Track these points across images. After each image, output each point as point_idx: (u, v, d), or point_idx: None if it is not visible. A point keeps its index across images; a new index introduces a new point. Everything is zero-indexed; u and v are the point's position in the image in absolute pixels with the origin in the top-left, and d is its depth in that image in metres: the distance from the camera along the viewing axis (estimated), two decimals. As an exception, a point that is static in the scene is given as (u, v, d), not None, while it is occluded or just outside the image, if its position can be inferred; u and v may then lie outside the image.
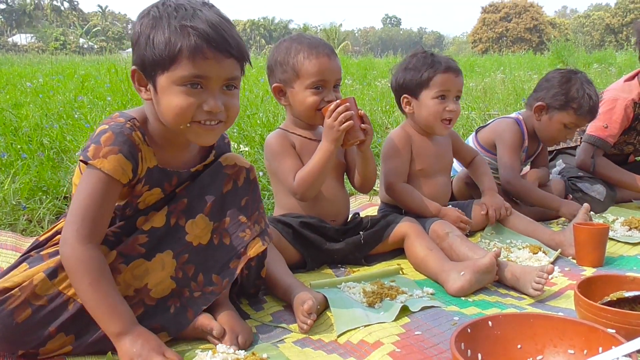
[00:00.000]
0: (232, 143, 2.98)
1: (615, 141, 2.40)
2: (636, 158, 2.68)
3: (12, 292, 1.08)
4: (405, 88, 1.91)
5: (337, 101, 1.60)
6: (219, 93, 1.12)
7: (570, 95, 2.11)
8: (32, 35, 54.58)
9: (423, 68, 1.86)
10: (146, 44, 1.08)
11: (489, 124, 2.36)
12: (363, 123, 1.62)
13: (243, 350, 1.13)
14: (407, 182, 1.92)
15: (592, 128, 2.38)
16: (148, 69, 1.10)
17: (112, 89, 4.82)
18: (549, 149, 2.59)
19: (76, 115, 3.56)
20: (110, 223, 1.19)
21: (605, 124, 2.35)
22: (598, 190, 2.30)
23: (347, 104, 1.59)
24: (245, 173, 1.31)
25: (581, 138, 2.49)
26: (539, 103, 2.18)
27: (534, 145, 2.31)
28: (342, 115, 1.57)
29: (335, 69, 1.67)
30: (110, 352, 1.10)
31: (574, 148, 2.55)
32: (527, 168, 2.42)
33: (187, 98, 1.09)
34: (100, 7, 68.40)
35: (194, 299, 1.22)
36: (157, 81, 1.10)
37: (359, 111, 1.62)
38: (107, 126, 1.15)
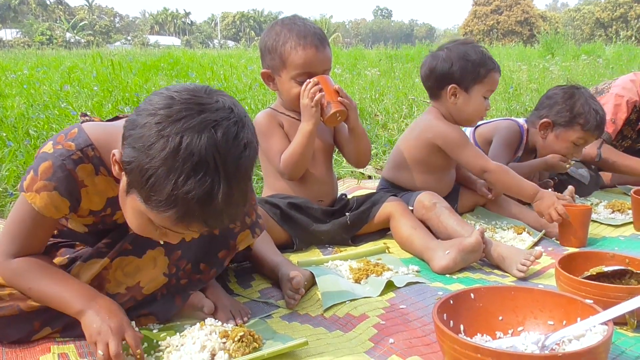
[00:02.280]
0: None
1: (614, 138, 2.42)
2: None
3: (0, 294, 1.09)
4: (458, 79, 1.82)
5: (308, 80, 1.60)
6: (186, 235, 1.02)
7: (576, 110, 2.07)
8: (17, 30, 53.80)
9: (481, 63, 1.81)
10: (144, 176, 0.88)
11: (491, 122, 2.38)
12: (339, 96, 1.61)
13: (231, 325, 1.15)
14: (425, 173, 1.90)
15: None
16: (130, 178, 0.93)
17: (99, 79, 4.78)
18: None
19: (62, 105, 3.54)
20: (86, 239, 1.19)
21: (612, 118, 2.36)
22: (582, 174, 2.33)
23: (316, 80, 1.59)
24: None
25: None
26: (545, 120, 2.13)
27: (528, 159, 2.28)
28: (311, 91, 1.58)
29: (324, 59, 1.65)
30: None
31: None
32: None
33: (150, 227, 0.98)
34: (87, 1, 67.63)
35: (181, 286, 1.21)
36: (130, 194, 0.95)
37: (334, 86, 1.62)
38: (51, 150, 1.04)
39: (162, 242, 1.13)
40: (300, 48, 1.62)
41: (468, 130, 2.38)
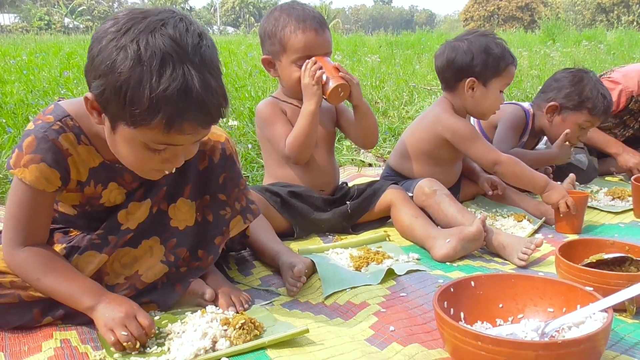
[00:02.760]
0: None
1: None
2: None
3: (1, 281, 1.09)
4: (478, 73, 1.78)
5: (307, 61, 1.60)
6: (183, 150, 1.03)
7: (585, 95, 2.07)
8: (15, 15, 53.35)
9: (502, 57, 1.78)
10: (120, 95, 0.90)
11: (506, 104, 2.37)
12: (339, 72, 1.60)
13: (232, 312, 1.15)
14: (432, 165, 1.89)
15: None
16: (109, 110, 0.96)
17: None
18: None
19: (62, 91, 3.52)
20: (76, 223, 1.19)
21: None
22: (580, 160, 2.33)
23: (314, 59, 1.59)
24: (221, 148, 1.24)
25: None
26: (552, 103, 2.13)
27: (533, 143, 2.29)
28: (312, 68, 1.58)
29: (323, 43, 1.65)
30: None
31: None
32: None
33: (146, 154, 0.99)
34: (85, -15, 66.94)
35: (180, 274, 1.22)
36: (118, 128, 0.97)
37: (334, 64, 1.62)
38: (33, 126, 1.06)
39: (164, 179, 1.13)
40: (300, 32, 1.61)
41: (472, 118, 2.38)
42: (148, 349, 1.02)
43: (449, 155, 1.89)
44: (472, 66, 1.79)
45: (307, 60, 1.60)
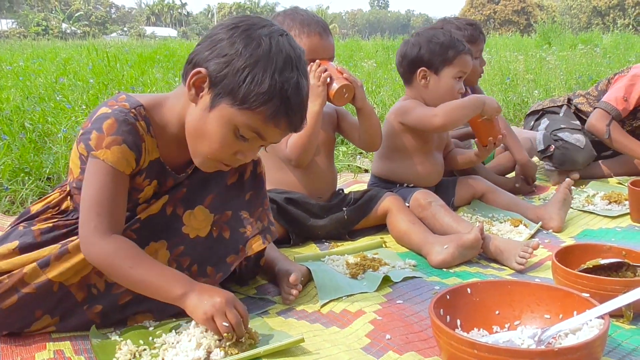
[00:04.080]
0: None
1: (625, 116, 2.41)
2: None
3: (0, 277, 1.07)
4: (427, 62, 1.85)
5: (311, 63, 1.60)
6: (258, 148, 1.12)
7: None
8: (12, 20, 53.35)
9: (450, 45, 1.83)
10: (241, 75, 1.00)
11: None
12: (343, 74, 1.61)
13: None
14: (405, 159, 1.91)
15: (613, 97, 2.38)
16: (221, 87, 1.03)
17: (95, 71, 4.76)
18: (534, 109, 2.64)
19: (58, 98, 3.52)
20: None
21: (625, 97, 2.36)
22: (578, 139, 2.34)
23: (318, 61, 1.60)
24: (253, 166, 1.26)
25: (569, 99, 2.51)
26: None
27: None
28: (317, 70, 1.58)
29: (327, 47, 1.66)
30: (94, 326, 1.11)
31: (560, 107, 2.57)
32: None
33: (231, 139, 1.05)
34: (83, -9, 67.00)
35: None
36: (218, 107, 1.04)
37: (337, 67, 1.63)
38: (109, 110, 1.07)
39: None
40: (305, 35, 1.62)
41: None
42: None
43: (414, 142, 1.90)
44: (421, 56, 1.86)
45: (311, 63, 1.60)
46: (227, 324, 0.99)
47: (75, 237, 1.11)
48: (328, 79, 1.59)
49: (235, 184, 1.24)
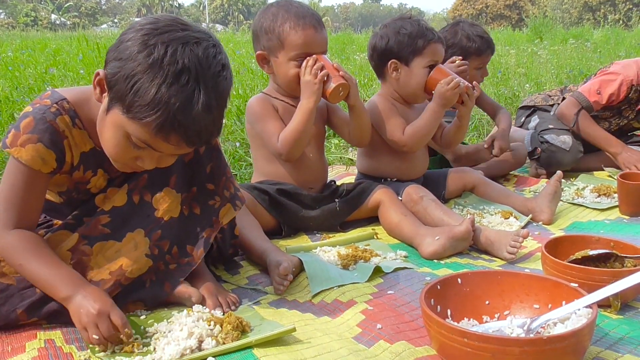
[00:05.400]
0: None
1: (597, 109, 2.44)
2: None
3: None
4: (396, 53, 1.83)
5: (307, 58, 1.59)
6: (159, 157, 1.06)
7: (464, 45, 2.30)
8: (1, 11, 52.64)
9: (418, 35, 1.80)
10: (129, 83, 0.95)
11: None
12: (339, 72, 1.61)
13: (220, 312, 1.14)
14: (386, 154, 1.91)
15: (587, 89, 2.41)
16: (113, 91, 0.99)
17: (85, 62, 4.71)
18: (527, 104, 2.67)
19: (48, 88, 3.48)
20: (62, 211, 1.18)
21: (599, 90, 2.39)
22: (564, 140, 2.36)
23: (315, 56, 1.59)
24: None
25: (563, 97, 2.54)
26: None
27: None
28: (315, 67, 1.58)
29: (321, 41, 1.66)
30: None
31: (551, 106, 2.59)
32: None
33: (125, 145, 1.02)
34: (72, -19, 66.20)
35: (170, 272, 1.21)
36: (111, 110, 1.00)
37: (333, 64, 1.62)
38: (31, 109, 1.08)
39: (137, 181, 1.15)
40: (300, 28, 1.61)
41: None
42: (129, 347, 1.01)
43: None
44: (390, 48, 1.84)
45: (307, 58, 1.59)
46: (97, 337, 1.00)
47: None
48: (325, 77, 1.59)
49: (193, 160, 1.24)
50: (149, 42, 0.96)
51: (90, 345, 1.02)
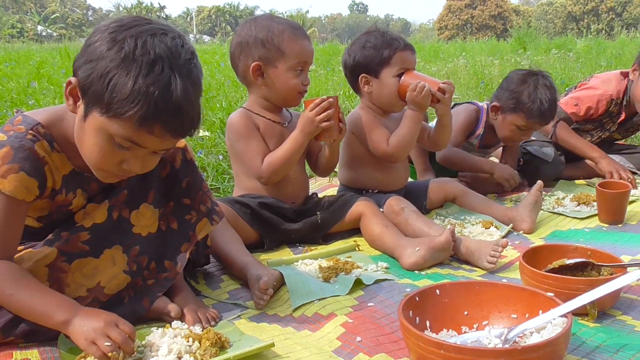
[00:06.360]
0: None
1: (577, 121, 2.48)
2: None
3: None
4: (364, 67, 1.86)
5: (322, 97, 1.62)
6: (144, 156, 1.06)
7: (521, 99, 2.13)
8: (-15, 22, 52.23)
9: (383, 46, 1.82)
10: (104, 81, 0.94)
11: (461, 104, 2.42)
12: (340, 122, 1.65)
13: (199, 328, 1.14)
14: (368, 166, 1.92)
15: (564, 100, 2.45)
16: (88, 95, 0.98)
17: (68, 74, 4.68)
18: None
19: (30, 102, 3.46)
20: (40, 235, 1.15)
21: (576, 102, 2.43)
22: (546, 152, 2.39)
23: (331, 101, 1.61)
24: (182, 154, 1.26)
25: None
26: (494, 103, 2.23)
27: (494, 137, 2.34)
28: (325, 113, 1.60)
29: (312, 51, 1.71)
30: (62, 334, 1.09)
31: None
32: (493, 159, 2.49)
33: (109, 149, 1.01)
34: (58, -7, 65.94)
35: (148, 287, 1.20)
36: (90, 116, 0.99)
37: (340, 113, 1.65)
38: (5, 137, 1.04)
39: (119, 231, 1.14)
40: (298, 38, 1.65)
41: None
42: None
43: (369, 151, 1.90)
44: (358, 63, 1.86)
45: (323, 97, 1.62)
46: (109, 344, 0.96)
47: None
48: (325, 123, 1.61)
49: (169, 174, 1.24)
50: (118, 37, 0.96)
51: None
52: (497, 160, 2.46)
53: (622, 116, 2.49)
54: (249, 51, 1.67)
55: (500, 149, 2.48)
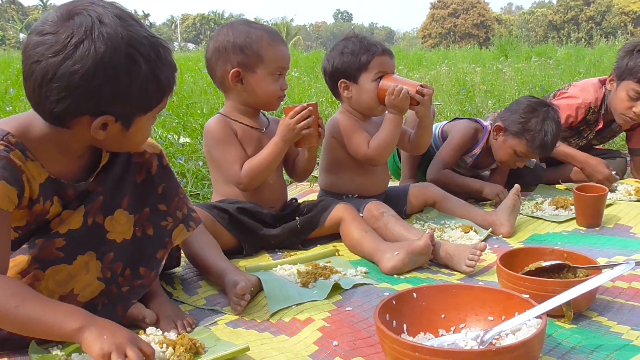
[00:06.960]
0: (172, 134, 2.91)
1: None
2: None
3: None
4: (343, 73, 1.87)
5: (303, 104, 1.62)
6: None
7: (528, 125, 2.13)
8: (-34, 30, 51.51)
9: (360, 51, 1.84)
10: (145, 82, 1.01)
11: (455, 120, 2.43)
12: (320, 127, 1.66)
13: (174, 334, 1.12)
14: (348, 170, 1.93)
15: None
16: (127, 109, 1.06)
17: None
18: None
19: (8, 109, 3.41)
20: (16, 246, 1.11)
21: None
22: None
23: (311, 108, 1.61)
24: (157, 160, 1.25)
25: None
26: (498, 124, 2.22)
27: (488, 159, 2.35)
28: (305, 121, 1.60)
29: (289, 57, 1.72)
30: (33, 341, 1.07)
31: None
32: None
33: (150, 124, 1.12)
34: (41, 1, 65.38)
35: (122, 294, 1.18)
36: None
37: (319, 119, 1.66)
38: None
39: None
40: (276, 44, 1.66)
41: (439, 125, 2.43)
42: None
43: (349, 156, 1.91)
44: (336, 69, 1.88)
45: (304, 104, 1.62)
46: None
47: None
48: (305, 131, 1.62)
49: (145, 180, 1.23)
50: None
51: None
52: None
53: (600, 124, 2.53)
54: (227, 57, 1.66)
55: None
